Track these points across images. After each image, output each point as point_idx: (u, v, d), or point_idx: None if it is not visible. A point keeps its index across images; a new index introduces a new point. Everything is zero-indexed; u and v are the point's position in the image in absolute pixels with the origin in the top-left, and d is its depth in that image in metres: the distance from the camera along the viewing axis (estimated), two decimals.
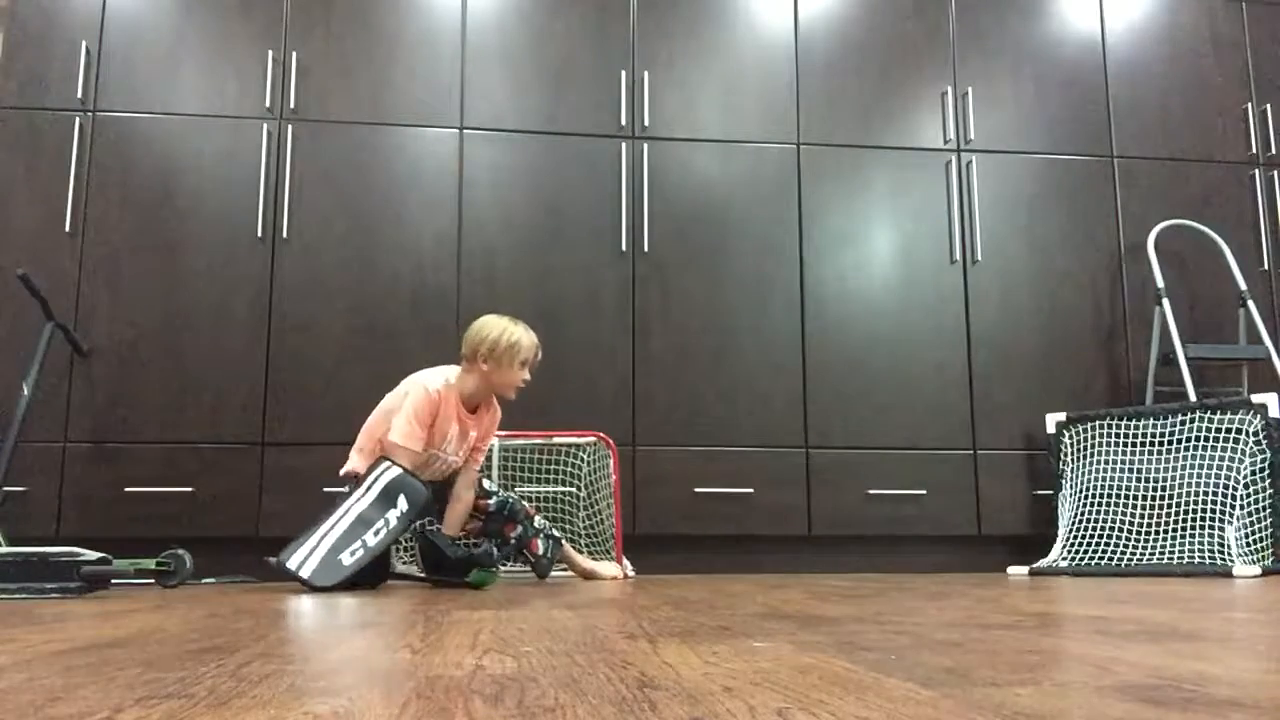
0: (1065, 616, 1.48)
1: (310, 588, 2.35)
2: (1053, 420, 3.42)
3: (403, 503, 2.49)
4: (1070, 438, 3.39)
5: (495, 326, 2.67)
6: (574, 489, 3.23)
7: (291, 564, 2.39)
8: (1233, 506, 3.02)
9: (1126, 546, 3.16)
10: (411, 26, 3.49)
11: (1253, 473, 3.02)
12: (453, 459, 2.70)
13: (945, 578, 2.95)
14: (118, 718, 0.64)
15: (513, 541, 2.77)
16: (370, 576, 2.48)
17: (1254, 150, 3.80)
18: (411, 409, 2.59)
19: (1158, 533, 3.13)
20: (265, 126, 3.35)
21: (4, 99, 3.26)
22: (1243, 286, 3.58)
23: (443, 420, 2.64)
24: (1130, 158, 3.75)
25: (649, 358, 3.40)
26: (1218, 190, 3.76)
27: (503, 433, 2.97)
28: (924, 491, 3.43)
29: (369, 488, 2.52)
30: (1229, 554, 2.94)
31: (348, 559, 2.40)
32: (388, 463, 2.54)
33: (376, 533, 2.46)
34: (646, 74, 3.55)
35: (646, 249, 3.45)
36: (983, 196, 3.64)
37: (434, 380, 2.65)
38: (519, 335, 2.67)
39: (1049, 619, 1.43)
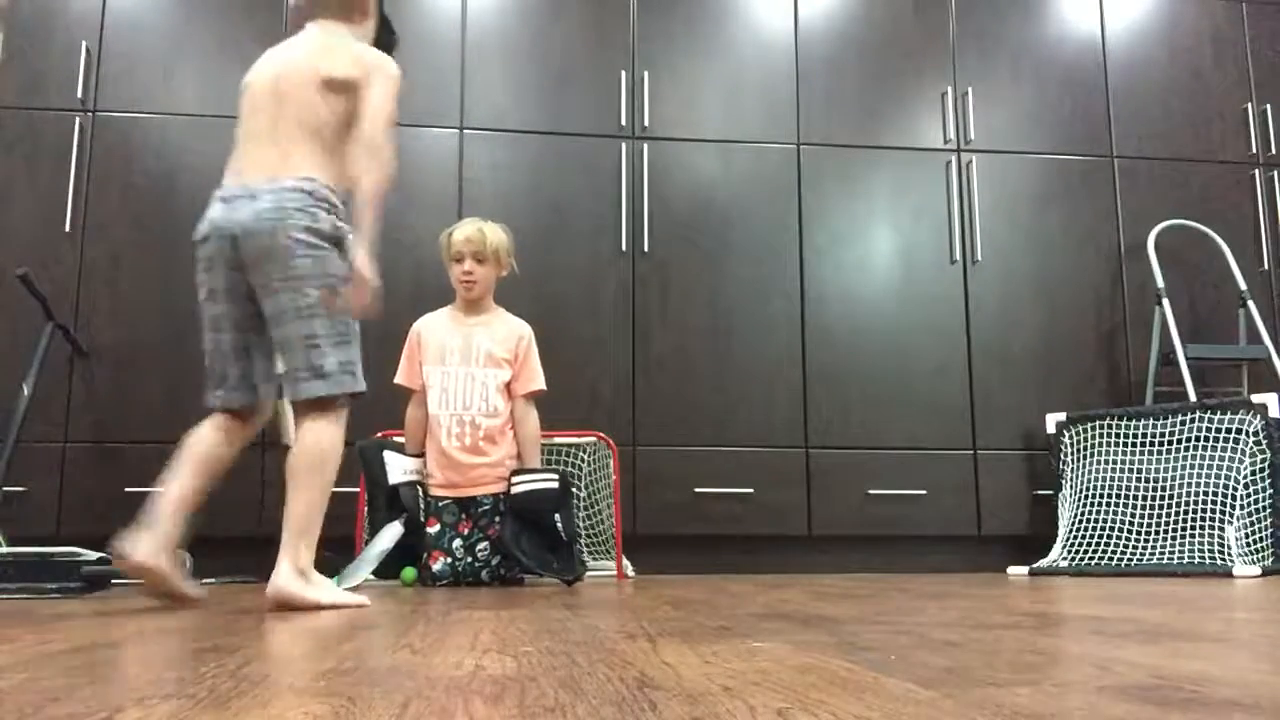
0: (1065, 616, 1.48)
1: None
2: (1053, 420, 3.42)
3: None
4: (1070, 438, 3.38)
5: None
6: (574, 489, 3.23)
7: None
8: (1233, 506, 3.02)
9: (1126, 546, 3.16)
10: (411, 26, 3.48)
11: (1253, 473, 3.02)
12: (480, 373, 2.79)
13: (945, 578, 2.95)
14: (117, 718, 0.64)
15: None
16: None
17: (1254, 150, 3.79)
18: None
19: (1158, 533, 3.13)
20: None
21: (4, 99, 3.26)
22: (1243, 286, 3.58)
23: (432, 337, 2.84)
24: (1130, 158, 3.75)
25: (649, 358, 3.40)
26: (1218, 190, 3.76)
27: None
28: (924, 491, 3.43)
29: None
30: (1229, 554, 2.94)
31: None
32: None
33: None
34: (646, 74, 3.55)
35: (646, 249, 3.44)
36: (983, 196, 3.64)
37: None
38: (446, 233, 2.87)
39: (1049, 619, 1.43)
